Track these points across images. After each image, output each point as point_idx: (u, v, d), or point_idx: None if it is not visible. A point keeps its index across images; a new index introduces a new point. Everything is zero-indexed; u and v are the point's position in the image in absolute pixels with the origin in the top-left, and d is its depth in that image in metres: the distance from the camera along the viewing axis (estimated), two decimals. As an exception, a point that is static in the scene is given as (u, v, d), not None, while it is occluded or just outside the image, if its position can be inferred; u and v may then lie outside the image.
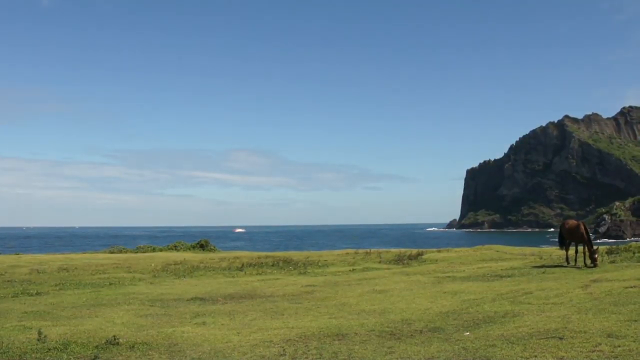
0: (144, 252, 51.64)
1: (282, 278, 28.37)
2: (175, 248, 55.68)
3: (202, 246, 56.06)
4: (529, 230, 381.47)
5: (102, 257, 44.37)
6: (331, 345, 11.57)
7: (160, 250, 55.00)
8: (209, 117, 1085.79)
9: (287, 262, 36.93)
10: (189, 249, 55.14)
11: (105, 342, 12.30)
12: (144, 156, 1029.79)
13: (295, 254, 46.30)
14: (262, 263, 36.58)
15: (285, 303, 18.88)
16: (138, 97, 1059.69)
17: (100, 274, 31.33)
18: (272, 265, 35.19)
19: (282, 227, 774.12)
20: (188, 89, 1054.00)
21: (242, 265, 35.37)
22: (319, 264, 36.13)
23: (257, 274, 30.81)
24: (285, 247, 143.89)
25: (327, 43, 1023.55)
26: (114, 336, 12.62)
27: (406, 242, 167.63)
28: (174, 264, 36.51)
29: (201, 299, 20.57)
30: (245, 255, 46.58)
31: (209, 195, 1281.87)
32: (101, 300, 20.66)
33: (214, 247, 58.37)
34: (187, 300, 20.37)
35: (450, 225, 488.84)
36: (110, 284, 26.36)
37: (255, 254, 49.12)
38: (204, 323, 15.08)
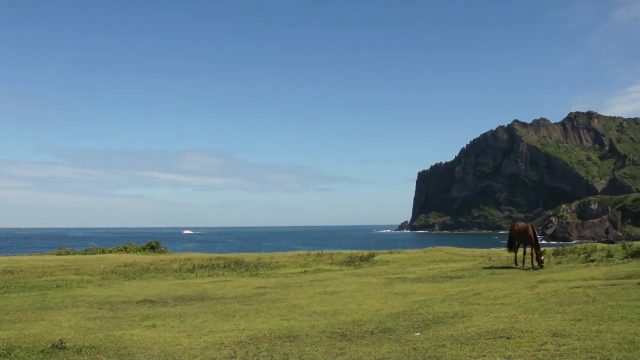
0: (93, 254, 50.61)
1: (234, 280, 28.21)
2: (126, 250, 54.81)
3: (153, 248, 55.30)
4: (479, 232, 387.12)
5: (49, 259, 43.38)
6: (282, 347, 11.55)
7: (110, 252, 53.99)
8: (162, 118, 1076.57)
9: (239, 264, 36.71)
10: (140, 251, 54.32)
11: (51, 347, 12.03)
12: (95, 156, 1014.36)
13: (247, 256, 46.09)
14: (213, 265, 36.28)
15: (237, 305, 18.78)
16: (90, 97, 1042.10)
17: (47, 276, 30.61)
18: (224, 267, 34.94)
19: (235, 228, 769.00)
20: (141, 89, 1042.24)
21: (194, 267, 35.03)
22: (271, 265, 36.05)
23: (208, 276, 30.57)
24: (237, 248, 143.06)
25: (282, 45, 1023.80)
26: (61, 340, 12.36)
27: (358, 244, 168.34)
28: (124, 266, 35.94)
29: (151, 301, 20.30)
30: (197, 257, 46.16)
31: (161, 196, 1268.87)
32: (48, 303, 20.19)
33: (165, 248, 57.64)
34: (137, 302, 20.08)
35: (402, 227, 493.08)
36: (58, 286, 25.77)
37: (207, 255, 48.70)
38: (154, 326, 14.89)
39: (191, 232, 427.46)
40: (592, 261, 26.78)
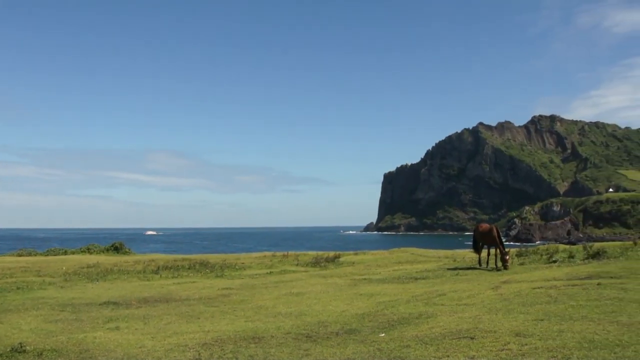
0: (55, 255, 49.76)
1: (199, 281, 28.02)
2: (89, 251, 54.00)
3: (117, 249, 54.55)
4: (444, 233, 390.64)
5: (9, 260, 42.53)
6: (247, 348, 11.50)
7: (73, 253, 53.18)
8: (127, 117, 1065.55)
9: (204, 264, 36.47)
10: (103, 252, 53.56)
11: (10, 350, 11.80)
12: (57, 155, 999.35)
13: (212, 257, 45.82)
14: (178, 266, 35.97)
15: (202, 306, 18.65)
16: (52, 95, 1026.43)
17: (6, 277, 30.02)
18: (189, 268, 34.67)
19: (201, 229, 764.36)
20: (106, 87, 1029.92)
21: (158, 268, 34.70)
22: (236, 266, 35.89)
23: (173, 277, 30.32)
24: (203, 249, 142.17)
25: (248, 46, 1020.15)
26: (21, 343, 12.14)
27: (324, 245, 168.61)
28: (87, 267, 35.44)
29: (114, 303, 20.05)
30: (161, 258, 45.77)
31: (125, 196, 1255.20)
32: (7, 305, 19.81)
33: (129, 249, 56.91)
34: (100, 304, 19.81)
35: (368, 228, 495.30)
36: (18, 288, 25.29)
37: (172, 256, 48.33)
38: (117, 328, 14.72)
39: (154, 233, 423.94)
40: (554, 262, 27.16)
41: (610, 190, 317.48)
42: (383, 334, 12.17)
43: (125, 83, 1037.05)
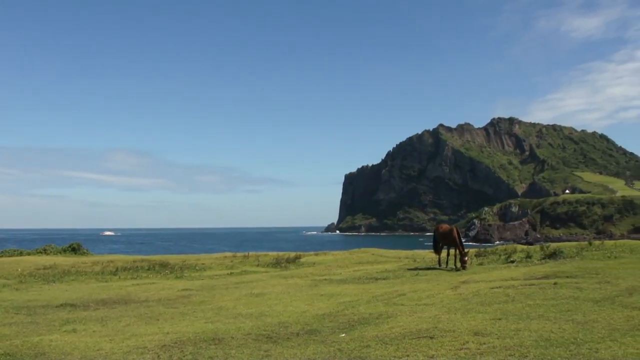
0: (9, 256, 48.65)
1: (158, 282, 27.75)
2: (45, 252, 52.95)
3: (74, 250, 53.64)
4: (404, 233, 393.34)
5: (-38, 262, 41.54)
6: (207, 350, 11.41)
7: (28, 254, 52.01)
8: (86, 115, 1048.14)
9: (164, 265, 36.15)
10: (60, 253, 52.60)
11: (-38, 354, 11.52)
12: (12, 154, 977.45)
13: (172, 257, 45.40)
14: (137, 267, 35.59)
15: (161, 308, 18.46)
16: (7, 93, 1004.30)
17: (-40, 279, 29.35)
18: (148, 269, 34.32)
19: (162, 230, 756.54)
20: (63, 84, 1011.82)
21: (117, 269, 34.27)
22: (197, 267, 35.63)
23: (131, 279, 29.96)
24: (163, 250, 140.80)
25: (209, 44, 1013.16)
26: (-27, 347, 11.86)
27: (286, 246, 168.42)
28: (43, 269, 34.82)
29: (72, 305, 19.73)
30: (120, 259, 45.17)
31: (84, 196, 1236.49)
32: (-40, 307, 19.35)
33: (87, 250, 56.03)
34: (57, 306, 19.48)
35: (329, 228, 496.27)
36: (-29, 290, 24.75)
37: (131, 257, 47.70)
38: (74, 330, 14.47)
39: (112, 233, 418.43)
40: (512, 262, 27.59)
41: (567, 191, 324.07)
42: (344, 334, 12.19)
43: (83, 82, 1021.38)
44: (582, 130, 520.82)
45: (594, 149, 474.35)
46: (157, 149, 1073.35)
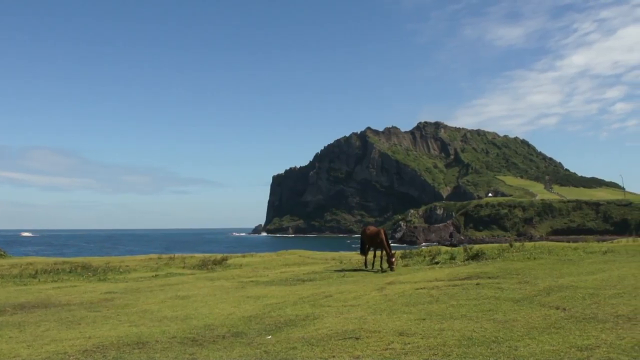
0: None
1: (80, 285, 27.03)
2: (-41, 254, 50.90)
3: (-9, 252, 51.74)
4: (332, 235, 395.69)
5: None
6: (131, 354, 11.19)
7: (-59, 256, 49.97)
8: (3, 111, 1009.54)
9: (86, 268, 35.24)
10: (-25, 255, 50.66)
11: None
12: None
13: (95, 259, 44.31)
14: (58, 269, 34.54)
15: (83, 311, 17.98)
16: None
17: None
18: (70, 272, 33.37)
19: (87, 231, 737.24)
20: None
21: (36, 272, 33.17)
22: (121, 269, 34.85)
23: (52, 281, 29.07)
24: (87, 252, 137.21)
25: (132, 44, 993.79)
26: None
27: (213, 247, 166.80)
28: (-43, 272, 33.38)
29: (-13, 309, 18.98)
30: (40, 261, 43.77)
31: (1, 195, 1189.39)
32: None
33: (5, 252, 54.10)
34: (-29, 311, 18.70)
35: (256, 230, 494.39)
36: None
37: (52, 259, 46.29)
38: (-11, 336, 13.92)
39: (30, 235, 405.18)
40: (437, 263, 28.09)
41: (490, 195, 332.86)
42: (270, 337, 12.17)
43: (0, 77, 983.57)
44: (505, 136, 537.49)
45: (516, 154, 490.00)
46: (80, 147, 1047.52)
